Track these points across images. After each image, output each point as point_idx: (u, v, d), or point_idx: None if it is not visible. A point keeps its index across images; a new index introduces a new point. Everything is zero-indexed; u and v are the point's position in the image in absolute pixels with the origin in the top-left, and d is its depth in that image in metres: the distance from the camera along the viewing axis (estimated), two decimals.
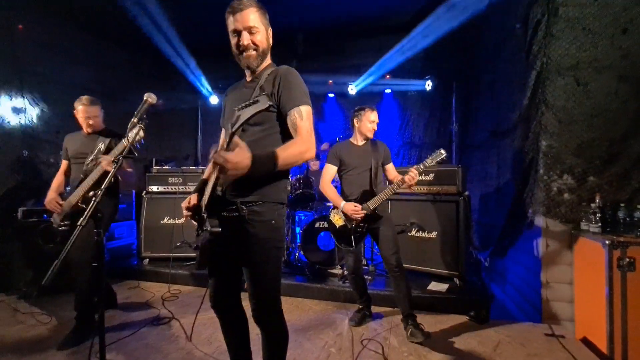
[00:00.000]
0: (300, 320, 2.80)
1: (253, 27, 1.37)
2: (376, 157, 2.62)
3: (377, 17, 4.35)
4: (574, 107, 2.57)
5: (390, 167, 2.71)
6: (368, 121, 2.60)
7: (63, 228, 1.23)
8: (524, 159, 2.79)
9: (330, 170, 2.65)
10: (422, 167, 2.40)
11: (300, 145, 1.30)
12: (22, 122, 3.87)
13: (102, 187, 1.43)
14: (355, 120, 2.66)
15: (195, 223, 1.44)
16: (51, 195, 2.51)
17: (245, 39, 1.37)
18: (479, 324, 2.72)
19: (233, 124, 1.17)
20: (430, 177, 3.40)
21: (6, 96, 3.71)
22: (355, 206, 2.46)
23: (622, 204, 2.36)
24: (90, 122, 2.57)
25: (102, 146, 2.37)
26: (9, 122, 3.74)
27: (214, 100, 5.86)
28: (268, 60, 1.51)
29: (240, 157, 1.12)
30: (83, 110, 2.56)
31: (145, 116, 1.59)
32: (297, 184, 3.82)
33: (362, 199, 2.52)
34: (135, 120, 1.54)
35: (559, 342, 2.42)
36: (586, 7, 2.52)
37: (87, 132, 2.61)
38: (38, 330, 2.63)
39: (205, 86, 5.78)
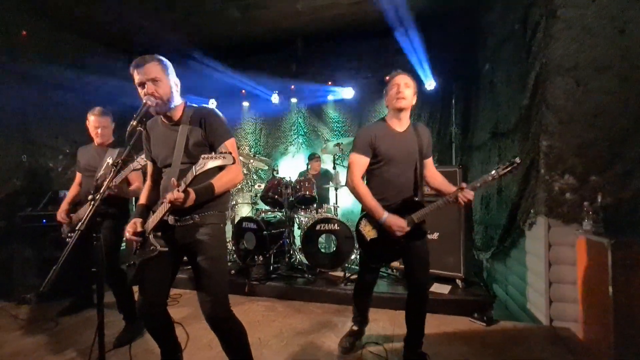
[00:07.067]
0: (303, 323, 2.78)
1: (155, 78, 1.55)
2: (421, 149, 2.01)
3: (377, 20, 4.36)
4: (574, 107, 2.56)
5: (430, 163, 2.11)
6: (392, 86, 1.95)
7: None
8: (525, 159, 2.78)
9: (362, 163, 1.97)
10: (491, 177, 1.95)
11: (230, 174, 1.59)
12: (22, 127, 3.87)
13: (101, 191, 1.46)
14: (385, 97, 2.03)
15: (137, 244, 1.64)
16: (63, 206, 2.65)
17: (150, 88, 1.54)
18: (482, 325, 2.70)
19: (198, 169, 1.39)
20: None
21: (6, 101, 3.71)
22: (402, 221, 1.86)
23: (624, 203, 2.35)
24: (100, 132, 2.64)
25: (109, 160, 2.45)
26: (8, 127, 3.74)
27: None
28: (180, 100, 1.67)
29: (189, 198, 1.46)
30: (94, 120, 2.63)
31: (144, 119, 1.61)
32: (298, 186, 3.81)
33: (402, 207, 1.93)
34: (134, 124, 1.54)
35: (564, 344, 2.40)
36: (584, 9, 2.52)
37: (97, 144, 2.68)
38: (37, 336, 2.60)
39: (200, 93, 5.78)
